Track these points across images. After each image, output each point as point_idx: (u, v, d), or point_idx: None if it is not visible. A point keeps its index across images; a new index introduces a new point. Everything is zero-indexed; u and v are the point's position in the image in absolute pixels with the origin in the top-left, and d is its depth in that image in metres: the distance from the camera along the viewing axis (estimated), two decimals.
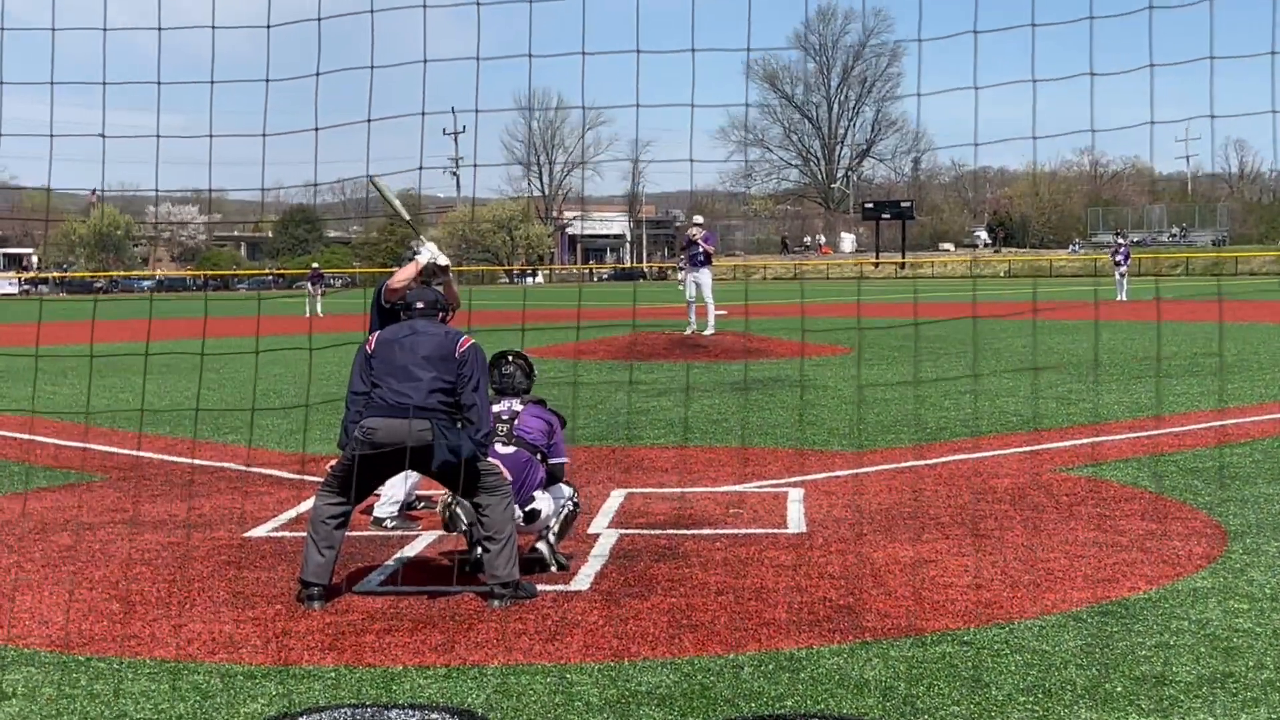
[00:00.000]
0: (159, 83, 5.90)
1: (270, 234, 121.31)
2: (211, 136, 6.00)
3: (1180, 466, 10.69)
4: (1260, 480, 10.00)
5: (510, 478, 7.39)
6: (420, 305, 7.57)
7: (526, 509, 7.64)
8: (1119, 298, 43.87)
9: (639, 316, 37.45)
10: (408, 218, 9.14)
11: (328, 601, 6.97)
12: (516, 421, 7.88)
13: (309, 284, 47.05)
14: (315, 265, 52.26)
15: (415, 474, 8.34)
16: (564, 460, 8.00)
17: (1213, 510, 8.95)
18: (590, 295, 67.15)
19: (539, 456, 7.82)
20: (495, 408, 7.89)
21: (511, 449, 7.77)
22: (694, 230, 25.06)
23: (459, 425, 7.08)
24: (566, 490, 7.94)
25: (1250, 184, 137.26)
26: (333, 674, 5.82)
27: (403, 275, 8.64)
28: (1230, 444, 11.78)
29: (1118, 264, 46.50)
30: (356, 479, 7.06)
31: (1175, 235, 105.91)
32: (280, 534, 8.87)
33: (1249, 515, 8.76)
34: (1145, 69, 5.59)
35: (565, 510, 7.85)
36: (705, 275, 24.59)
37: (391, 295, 8.68)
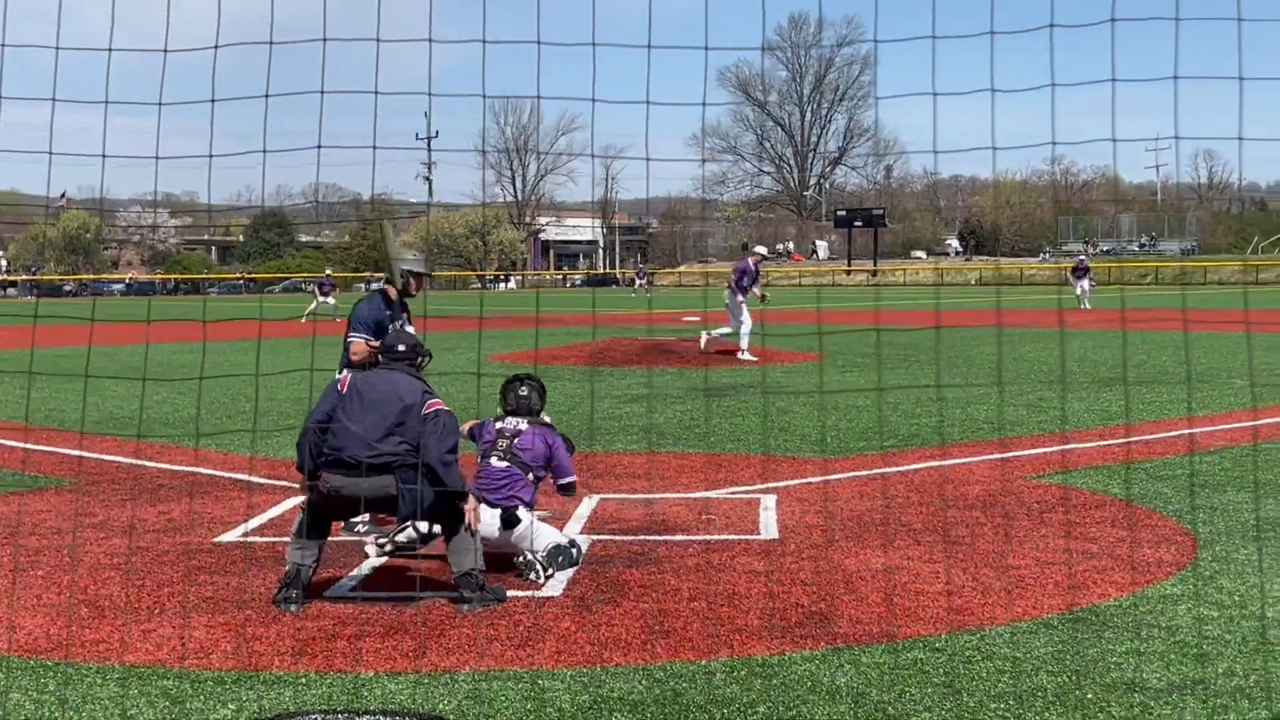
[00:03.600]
0: (159, 104, 5.86)
1: (241, 238, 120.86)
2: (212, 155, 5.94)
3: (1150, 474, 10.75)
4: (1229, 488, 10.06)
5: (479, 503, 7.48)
6: (401, 349, 7.53)
7: (505, 514, 7.67)
8: (1083, 307, 44.10)
9: (611, 323, 37.44)
10: (403, 266, 9.21)
11: (304, 605, 6.94)
12: (517, 440, 7.99)
13: (317, 289, 46.72)
14: (329, 272, 51.75)
15: None
16: (572, 479, 8.07)
17: (1182, 518, 9.00)
18: (561, 301, 67.06)
19: (530, 476, 7.89)
20: (500, 424, 8.10)
21: (505, 464, 7.90)
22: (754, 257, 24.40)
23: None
24: (570, 537, 8.01)
25: (1219, 194, 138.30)
26: (303, 680, 5.79)
27: (359, 351, 8.71)
28: (1200, 452, 11.85)
29: (1079, 279, 46.36)
30: (324, 519, 7.14)
31: (1144, 244, 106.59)
32: (251, 539, 8.82)
33: (1218, 523, 8.81)
34: (1108, 82, 5.61)
35: (563, 546, 7.75)
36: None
37: (357, 359, 8.69)
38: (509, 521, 7.69)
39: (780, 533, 8.75)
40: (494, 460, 7.93)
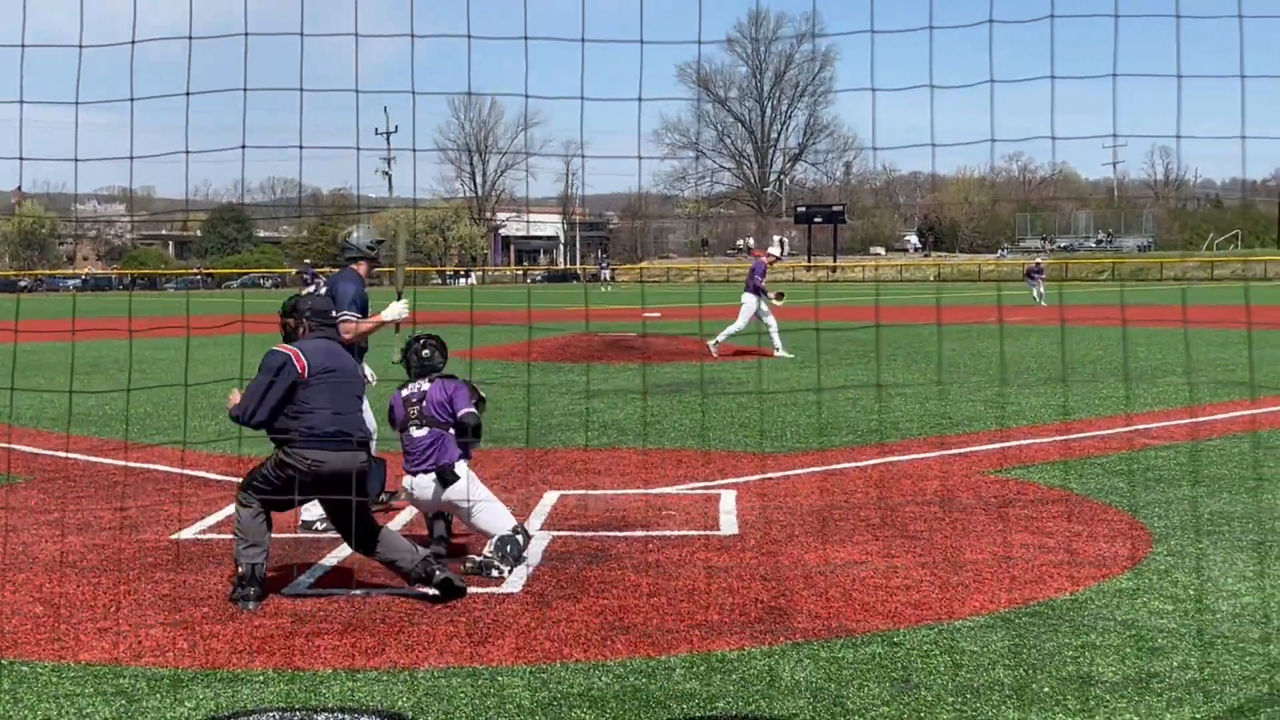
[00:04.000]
0: (132, 98, 5.81)
1: (198, 233, 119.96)
2: (188, 153, 5.90)
3: (1105, 469, 10.84)
4: (1183, 483, 10.15)
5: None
6: (329, 313, 7.39)
7: (440, 471, 7.60)
8: (1040, 305, 44.40)
9: (573, 319, 37.44)
10: (400, 260, 9.63)
11: (261, 602, 6.90)
12: (424, 403, 7.81)
13: (302, 280, 46.41)
14: (308, 261, 51.24)
15: None
16: (468, 411, 7.72)
17: (1137, 512, 9.08)
18: (521, 297, 66.93)
19: (452, 431, 7.77)
20: (404, 391, 7.89)
21: (425, 431, 7.75)
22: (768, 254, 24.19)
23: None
24: (509, 523, 7.78)
25: (1175, 191, 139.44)
26: (261, 677, 5.76)
27: (368, 325, 8.84)
28: (1154, 447, 11.96)
29: (1032, 279, 46.89)
30: (286, 500, 7.00)
31: (1101, 241, 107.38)
32: (209, 536, 8.77)
33: (1172, 517, 8.90)
34: (1048, 79, 5.65)
35: (508, 536, 7.64)
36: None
37: (353, 338, 8.77)
38: (446, 479, 7.61)
39: (740, 528, 8.77)
40: (413, 431, 7.74)
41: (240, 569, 6.96)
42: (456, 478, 7.61)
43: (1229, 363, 20.75)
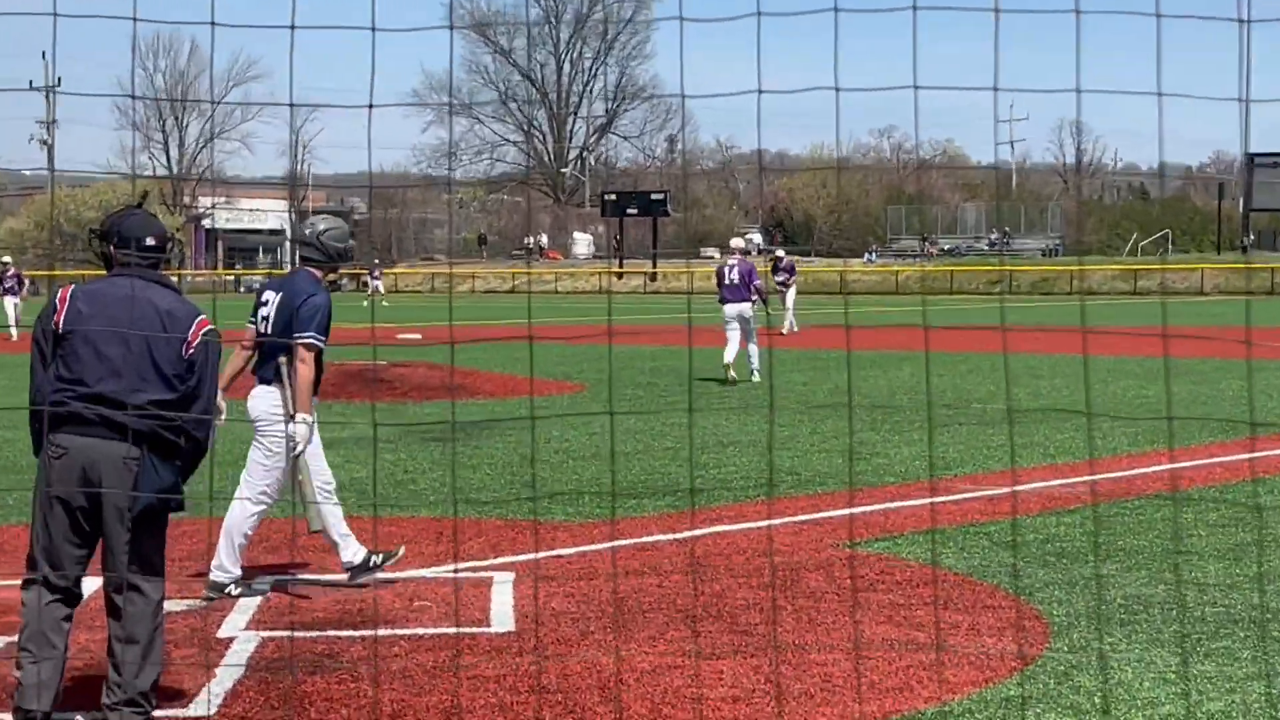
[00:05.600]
0: None
1: None
2: None
3: (994, 539, 11.12)
4: (1092, 557, 10.47)
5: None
6: (151, 243, 7.01)
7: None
8: (786, 327, 41.03)
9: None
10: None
11: None
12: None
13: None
14: (7, 260, 49.74)
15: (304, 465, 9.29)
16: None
17: (1033, 596, 9.33)
18: (233, 311, 65.89)
19: None
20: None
21: None
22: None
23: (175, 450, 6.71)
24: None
25: (1090, 179, 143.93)
26: None
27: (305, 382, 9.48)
28: (1057, 510, 12.32)
29: (780, 283, 42.76)
30: (54, 531, 6.58)
31: (995, 243, 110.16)
32: None
33: (1077, 602, 9.16)
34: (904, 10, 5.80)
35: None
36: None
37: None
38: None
39: (518, 623, 8.75)
40: None
41: (17, 698, 6.59)
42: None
43: (1150, 401, 21.52)
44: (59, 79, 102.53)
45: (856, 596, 9.34)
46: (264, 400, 9.65)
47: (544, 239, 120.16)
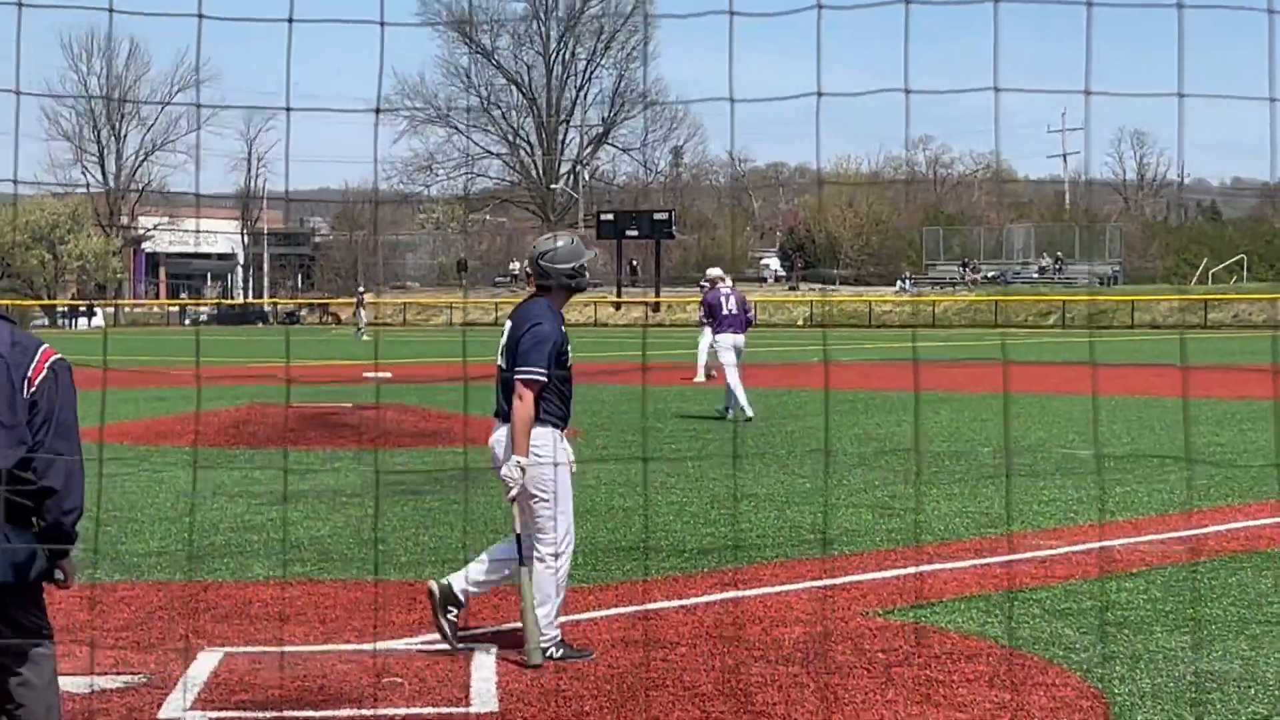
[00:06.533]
0: None
1: None
2: None
3: (1046, 607, 11.08)
4: (1157, 628, 10.43)
5: None
6: None
7: None
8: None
9: (255, 380, 37.01)
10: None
11: None
12: None
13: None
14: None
15: None
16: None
17: (1090, 672, 9.29)
18: (179, 346, 65.94)
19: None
20: None
21: None
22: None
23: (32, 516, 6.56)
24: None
25: (1153, 196, 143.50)
26: None
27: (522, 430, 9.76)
28: (1118, 574, 12.27)
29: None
30: None
31: (1047, 268, 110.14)
32: None
33: (1140, 679, 9.12)
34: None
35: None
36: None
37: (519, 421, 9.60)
38: None
39: (502, 702, 8.72)
40: None
41: None
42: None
43: (1223, 449, 21.48)
44: None
45: (889, 672, 9.30)
46: (506, 443, 9.94)
47: (527, 266, 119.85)
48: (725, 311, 27.34)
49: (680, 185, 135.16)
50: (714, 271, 30.06)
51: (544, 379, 9.82)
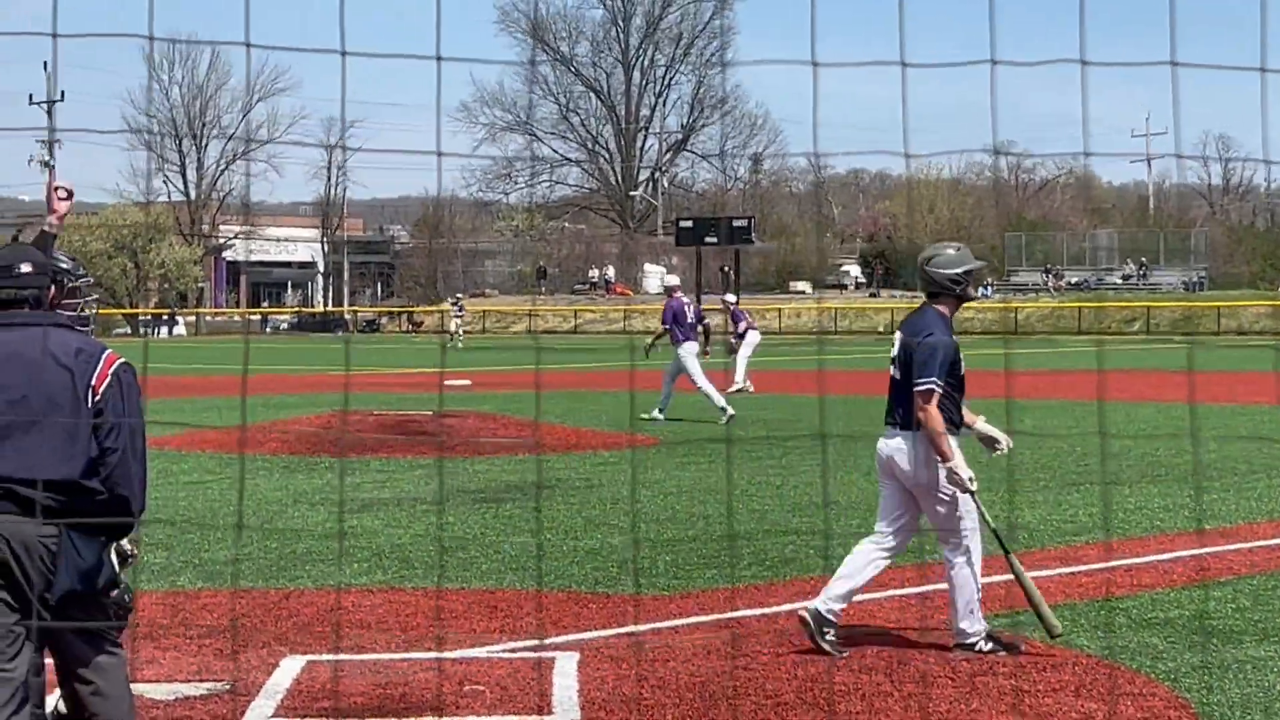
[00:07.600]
0: None
1: None
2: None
3: (1135, 616, 11.00)
4: (1248, 638, 10.35)
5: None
6: (26, 270, 6.71)
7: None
8: (738, 384, 37.23)
9: (335, 388, 37.17)
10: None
11: None
12: None
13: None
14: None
15: None
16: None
17: (1179, 682, 9.22)
18: (260, 355, 66.31)
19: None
20: None
21: None
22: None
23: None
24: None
25: (1239, 201, 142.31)
26: None
27: (941, 434, 10.17)
28: (1210, 581, 12.17)
29: (740, 335, 39.83)
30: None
31: (1132, 275, 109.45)
32: None
33: (1231, 689, 9.05)
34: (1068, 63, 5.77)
35: None
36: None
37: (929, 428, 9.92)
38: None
39: (584, 710, 8.72)
40: None
41: None
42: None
43: None
44: (62, 93, 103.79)
45: (974, 681, 9.26)
46: (908, 451, 10.23)
47: (610, 272, 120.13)
48: (689, 320, 27.56)
49: (760, 192, 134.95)
50: (671, 280, 31.30)
51: (940, 388, 10.00)
